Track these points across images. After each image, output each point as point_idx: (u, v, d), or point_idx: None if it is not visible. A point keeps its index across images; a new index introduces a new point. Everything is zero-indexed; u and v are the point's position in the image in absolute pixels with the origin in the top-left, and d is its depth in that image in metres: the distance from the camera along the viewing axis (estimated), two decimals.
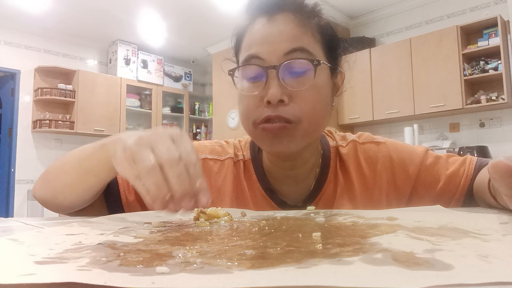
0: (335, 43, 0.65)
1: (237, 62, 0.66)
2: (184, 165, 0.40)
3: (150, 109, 5.35)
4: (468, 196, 0.67)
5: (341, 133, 0.76)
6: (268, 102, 0.57)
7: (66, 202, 0.59)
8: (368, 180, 0.68)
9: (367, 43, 4.09)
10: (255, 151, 0.70)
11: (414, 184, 0.68)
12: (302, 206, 0.65)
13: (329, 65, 0.63)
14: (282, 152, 0.61)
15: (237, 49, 0.66)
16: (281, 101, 0.57)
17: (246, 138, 0.74)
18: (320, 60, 0.59)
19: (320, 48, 0.62)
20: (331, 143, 0.72)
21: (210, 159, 0.69)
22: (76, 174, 0.57)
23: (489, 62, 3.33)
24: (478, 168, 0.67)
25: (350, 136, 0.74)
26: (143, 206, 0.64)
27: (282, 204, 0.67)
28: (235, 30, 0.66)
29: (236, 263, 0.23)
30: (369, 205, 0.66)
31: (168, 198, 0.39)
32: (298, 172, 0.67)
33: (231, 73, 0.63)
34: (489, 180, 0.54)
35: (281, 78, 0.57)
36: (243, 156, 0.70)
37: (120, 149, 0.43)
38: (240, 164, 0.70)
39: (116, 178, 0.65)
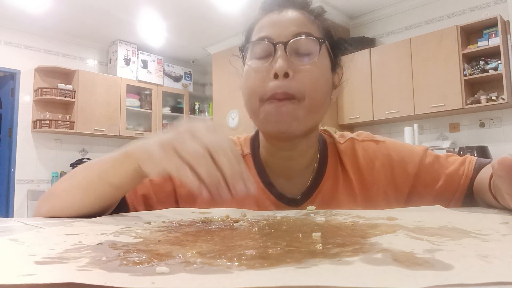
0: (336, 44, 0.69)
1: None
2: (230, 151, 0.42)
3: (150, 109, 5.35)
4: (468, 195, 0.67)
5: (340, 132, 0.77)
6: (276, 75, 0.59)
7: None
8: (366, 177, 0.69)
9: (367, 43, 4.09)
10: (255, 146, 0.72)
11: (413, 183, 0.69)
12: (300, 199, 0.67)
13: (330, 54, 0.66)
14: (284, 132, 0.61)
15: (247, 38, 0.69)
16: (287, 75, 0.59)
17: (245, 135, 0.76)
18: (324, 40, 0.64)
19: (322, 39, 0.65)
20: (329, 140, 0.74)
21: None
22: (95, 188, 0.55)
23: (489, 62, 3.33)
24: (478, 168, 0.67)
25: (348, 134, 0.75)
26: None
27: (281, 197, 0.67)
28: (246, 25, 0.70)
29: (236, 263, 0.23)
30: (367, 202, 0.68)
31: (221, 184, 0.41)
32: (295, 163, 0.68)
33: (241, 50, 0.67)
34: (490, 179, 0.54)
35: (288, 54, 0.61)
36: (242, 151, 0.71)
37: (155, 148, 0.44)
38: None
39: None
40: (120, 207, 0.63)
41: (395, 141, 0.74)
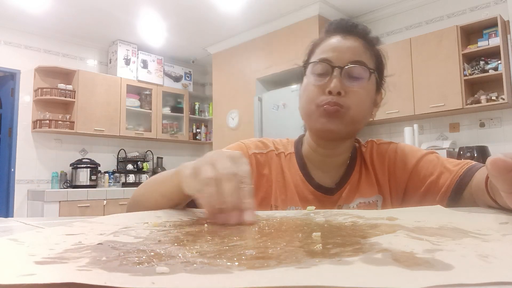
0: (383, 69, 0.84)
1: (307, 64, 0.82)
2: (238, 182, 0.46)
3: (150, 109, 5.35)
4: (455, 195, 0.71)
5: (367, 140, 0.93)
6: (330, 92, 0.74)
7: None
8: (378, 171, 0.84)
9: None
10: (299, 146, 0.88)
11: (410, 176, 0.79)
12: (335, 188, 0.82)
13: (377, 78, 0.80)
14: (332, 131, 0.76)
15: (310, 54, 0.84)
16: (339, 93, 0.74)
17: (288, 138, 0.92)
18: (374, 70, 0.78)
19: (373, 68, 0.79)
20: (357, 145, 0.89)
21: (257, 153, 0.86)
22: (154, 199, 0.64)
23: (489, 62, 3.33)
24: (470, 169, 0.71)
25: (371, 139, 0.90)
26: None
27: (318, 187, 0.82)
28: (311, 42, 0.85)
29: (236, 263, 0.23)
30: (380, 190, 0.82)
31: (219, 209, 0.44)
32: (332, 160, 0.84)
33: (304, 66, 0.83)
34: (487, 180, 0.55)
35: (343, 76, 0.75)
36: (286, 149, 0.88)
37: (188, 168, 0.51)
38: (282, 156, 0.87)
39: None
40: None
41: (406, 144, 0.87)
